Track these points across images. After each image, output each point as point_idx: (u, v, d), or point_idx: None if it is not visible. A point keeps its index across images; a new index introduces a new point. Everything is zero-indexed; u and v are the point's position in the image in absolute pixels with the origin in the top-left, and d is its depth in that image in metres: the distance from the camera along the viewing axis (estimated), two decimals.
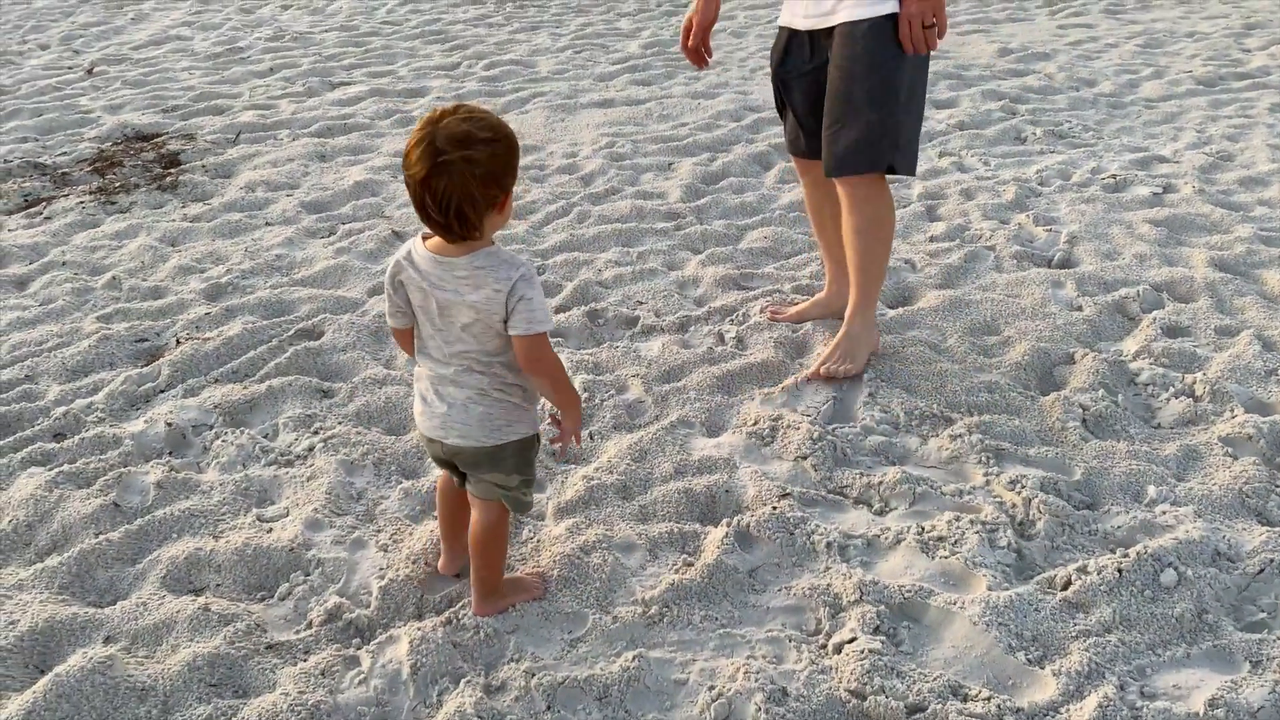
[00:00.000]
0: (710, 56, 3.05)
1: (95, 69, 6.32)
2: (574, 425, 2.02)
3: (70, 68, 6.38)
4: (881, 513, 2.45)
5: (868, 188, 2.80)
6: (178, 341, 3.23)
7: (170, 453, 2.74)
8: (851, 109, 2.71)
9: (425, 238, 1.92)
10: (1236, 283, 3.41)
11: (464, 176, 1.74)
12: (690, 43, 2.99)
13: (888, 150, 2.74)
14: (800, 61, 2.88)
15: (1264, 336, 3.10)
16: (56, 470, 2.61)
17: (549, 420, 2.08)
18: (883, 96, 2.68)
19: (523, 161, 4.72)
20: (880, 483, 2.51)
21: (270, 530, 2.42)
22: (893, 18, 2.64)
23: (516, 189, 4.35)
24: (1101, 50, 6.29)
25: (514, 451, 1.99)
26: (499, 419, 1.95)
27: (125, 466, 2.64)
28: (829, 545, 2.30)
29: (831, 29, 2.73)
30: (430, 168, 1.74)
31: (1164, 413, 2.80)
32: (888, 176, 2.87)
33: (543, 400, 2.07)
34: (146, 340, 3.28)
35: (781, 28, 2.94)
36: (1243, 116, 5.08)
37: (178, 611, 2.15)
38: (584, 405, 2.84)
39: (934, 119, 5.12)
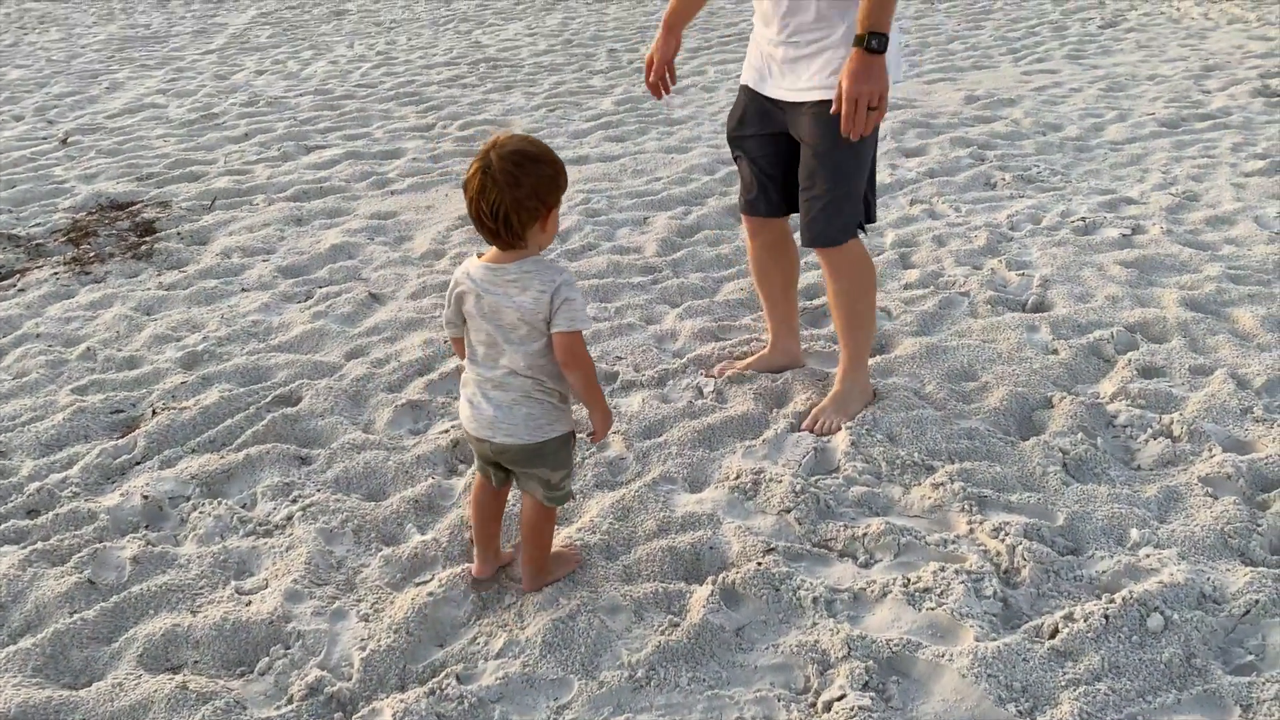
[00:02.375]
0: (672, 87, 3.12)
1: (70, 139, 6.34)
2: (602, 420, 2.24)
3: (45, 138, 6.39)
4: (867, 565, 2.44)
5: (846, 252, 2.89)
6: (154, 412, 3.20)
7: (146, 526, 2.70)
8: (825, 183, 2.78)
9: (479, 255, 2.18)
10: (1208, 321, 3.45)
11: (512, 189, 2.02)
12: (651, 78, 3.09)
13: (858, 214, 2.87)
14: (760, 125, 2.93)
15: (1238, 375, 3.12)
16: (30, 548, 2.57)
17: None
18: (854, 169, 2.78)
19: None
20: (864, 534, 2.50)
21: (249, 603, 2.38)
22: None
23: None
24: (1066, 95, 6.41)
25: (555, 448, 2.21)
26: (541, 418, 2.18)
27: (100, 542, 2.60)
28: (815, 600, 2.28)
29: (799, 104, 2.77)
30: (484, 181, 2.03)
31: (1143, 454, 2.81)
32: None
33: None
34: (122, 411, 3.25)
35: (743, 87, 2.98)
36: (1206, 157, 5.17)
37: (155, 691, 2.10)
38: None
39: (904, 167, 5.19)
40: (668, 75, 3.07)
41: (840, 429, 2.92)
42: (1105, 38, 7.98)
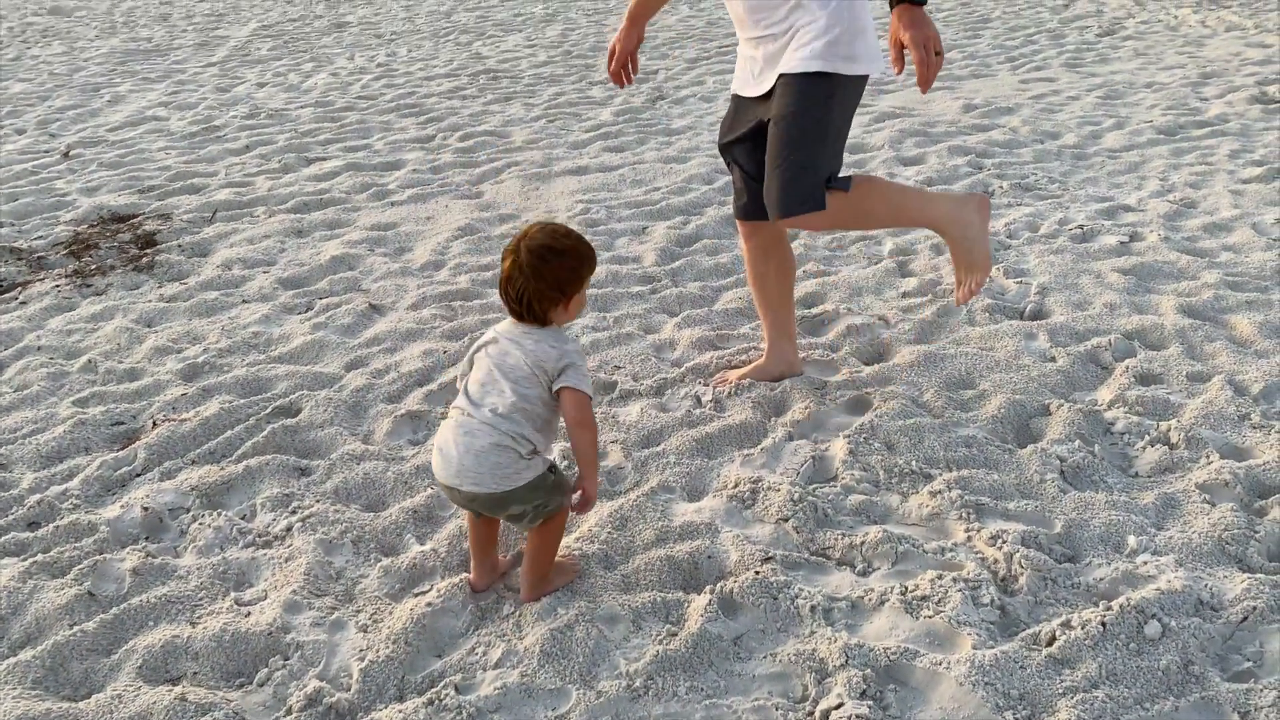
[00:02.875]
0: (633, 77, 3.22)
1: (71, 152, 6.37)
2: (594, 488, 2.29)
3: (46, 151, 6.42)
4: (865, 573, 2.45)
5: (811, 221, 2.84)
6: (154, 424, 3.21)
7: (146, 538, 2.71)
8: (783, 149, 2.74)
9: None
10: (1206, 328, 3.45)
11: (535, 280, 2.21)
12: (613, 66, 3.17)
13: (819, 187, 2.76)
14: (746, 125, 2.95)
15: (1235, 381, 3.13)
16: (30, 560, 2.58)
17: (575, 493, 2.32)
18: (814, 136, 2.73)
19: (497, 231, 4.77)
20: (862, 543, 2.50)
21: (248, 614, 2.39)
22: (824, 74, 2.70)
23: (495, 255, 4.37)
24: (1064, 103, 6.42)
25: (523, 493, 2.24)
26: (508, 468, 2.21)
27: (101, 554, 2.61)
28: (813, 609, 2.28)
29: (773, 87, 2.80)
30: (512, 270, 2.23)
31: (1141, 461, 2.82)
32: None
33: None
34: (123, 423, 3.26)
35: (734, 96, 3.03)
36: (1203, 164, 5.18)
37: (154, 703, 2.11)
38: (564, 473, 2.83)
39: (902, 176, 5.21)
40: (630, 65, 3.17)
41: (981, 285, 2.96)
42: (1103, 46, 8.01)
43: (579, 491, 2.30)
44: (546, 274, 2.21)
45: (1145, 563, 2.38)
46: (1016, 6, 9.78)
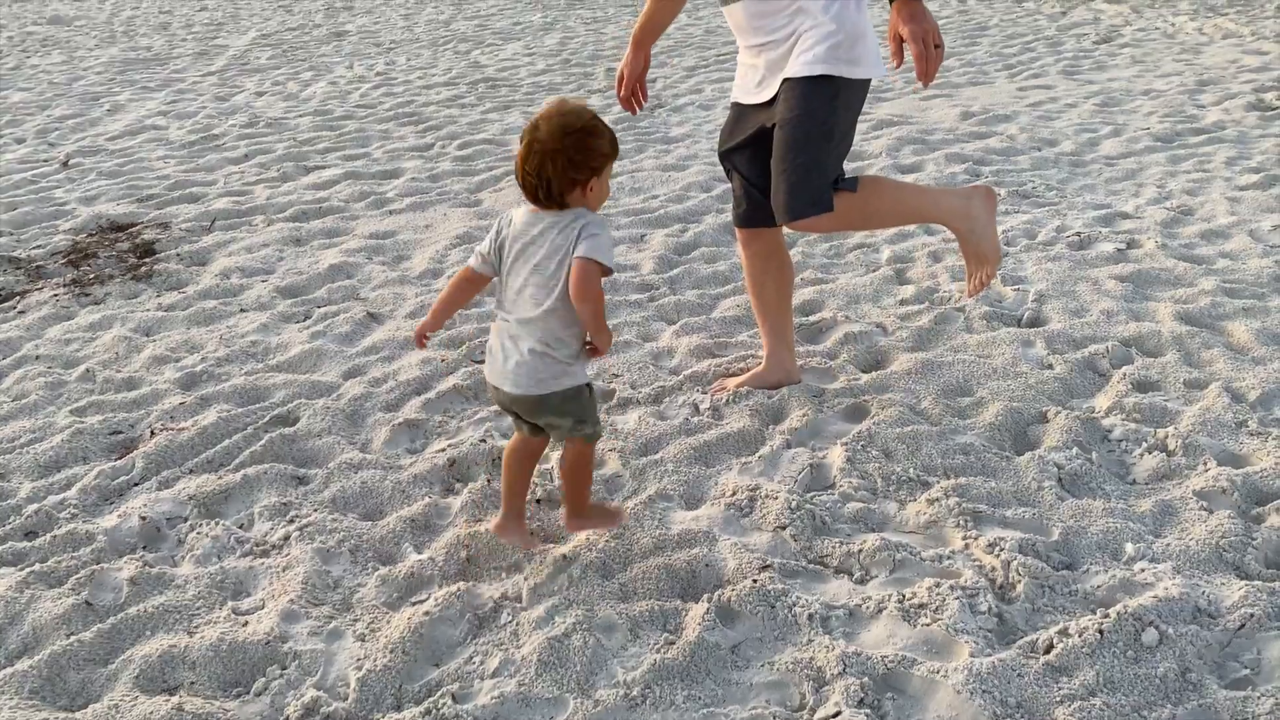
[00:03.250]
0: (644, 103, 3.21)
1: (70, 161, 6.37)
2: (605, 342, 2.33)
3: (45, 160, 6.43)
4: (862, 581, 2.45)
5: (822, 223, 2.80)
6: (152, 433, 3.21)
7: (144, 547, 2.71)
8: (789, 151, 2.72)
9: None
10: (1203, 335, 3.46)
11: (552, 157, 2.18)
12: (623, 92, 3.17)
13: (826, 188, 2.74)
14: (746, 131, 2.96)
15: (1232, 388, 3.13)
16: (27, 570, 2.58)
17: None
18: (819, 137, 2.72)
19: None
20: (860, 550, 2.50)
21: (246, 623, 2.38)
22: (828, 78, 2.71)
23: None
24: (1061, 110, 6.44)
25: (558, 400, 2.31)
26: (544, 373, 2.28)
27: (98, 563, 2.61)
28: (811, 617, 2.28)
29: (774, 98, 2.81)
30: (529, 147, 2.19)
31: (1138, 468, 2.82)
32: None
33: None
34: (120, 432, 3.26)
35: (734, 104, 3.03)
36: (1200, 171, 5.19)
37: (151, 713, 2.10)
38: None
39: None
40: (639, 90, 3.16)
41: (991, 277, 3.03)
42: (1100, 53, 8.03)
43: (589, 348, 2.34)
44: (566, 149, 2.17)
45: (1143, 570, 2.38)
46: (1014, 14, 9.81)
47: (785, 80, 2.76)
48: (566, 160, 2.18)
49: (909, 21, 2.66)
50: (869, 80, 2.80)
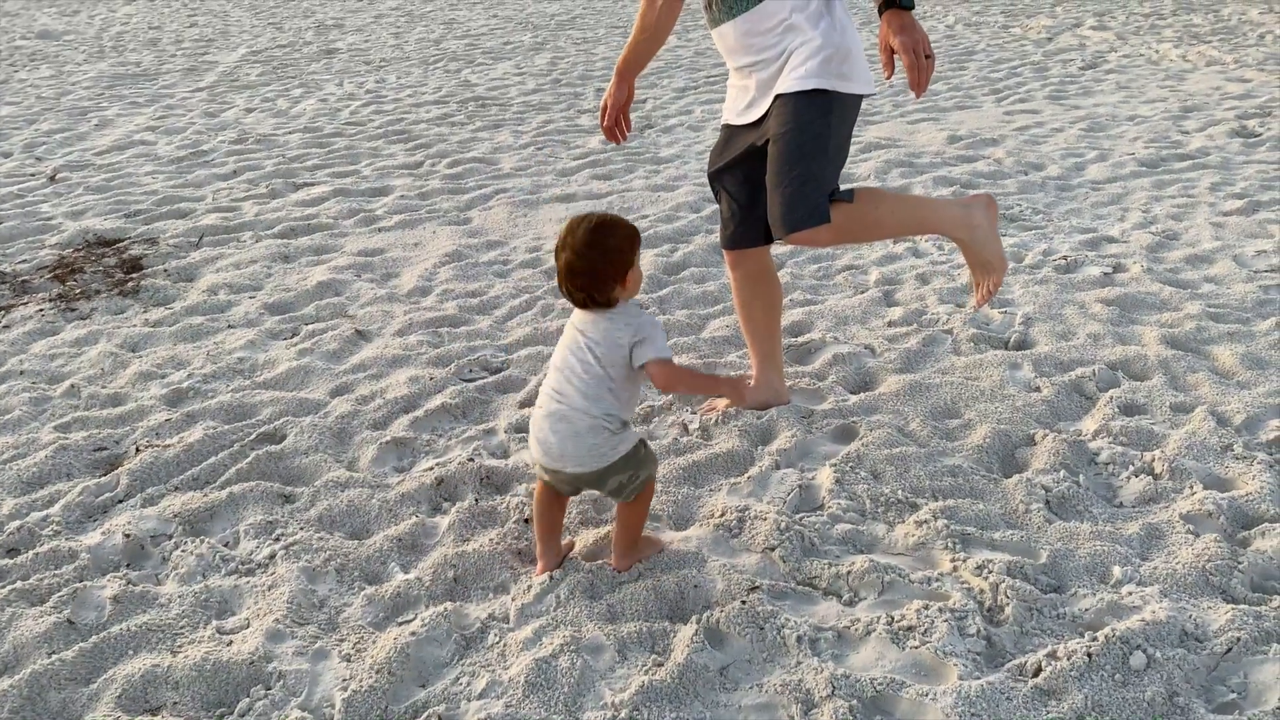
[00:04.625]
0: (627, 134, 3.19)
1: (58, 175, 6.35)
2: (732, 391, 2.62)
3: (32, 175, 6.40)
4: (851, 603, 2.44)
5: (820, 235, 2.76)
6: (137, 449, 3.19)
7: (128, 565, 2.68)
8: (784, 165, 2.71)
9: None
10: (1188, 359, 3.48)
11: (590, 267, 2.35)
12: (606, 122, 3.14)
13: (823, 201, 2.73)
14: (736, 151, 2.97)
15: (1217, 412, 3.15)
16: (9, 588, 2.55)
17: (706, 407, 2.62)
18: (813, 150, 2.71)
19: (485, 257, 4.78)
20: (849, 572, 2.50)
21: (230, 643, 2.36)
22: (822, 91, 2.72)
23: (483, 282, 4.37)
24: (1047, 135, 6.49)
25: (620, 465, 2.41)
26: (603, 446, 2.38)
27: (81, 581, 2.58)
28: (799, 639, 2.28)
29: (765, 116, 2.82)
30: (568, 263, 2.35)
31: (1125, 491, 2.83)
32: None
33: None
34: (105, 449, 3.23)
35: (725, 125, 3.04)
36: (1185, 196, 5.24)
37: None
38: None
39: None
40: (623, 120, 3.15)
41: (998, 286, 3.06)
42: (1086, 79, 8.11)
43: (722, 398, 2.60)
44: (601, 255, 2.34)
45: (1130, 593, 2.39)
46: (1001, 39, 9.91)
47: (778, 96, 2.77)
48: (599, 272, 2.35)
49: (899, 33, 2.67)
50: (861, 97, 2.82)
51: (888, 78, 2.80)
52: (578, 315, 2.45)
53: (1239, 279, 4.16)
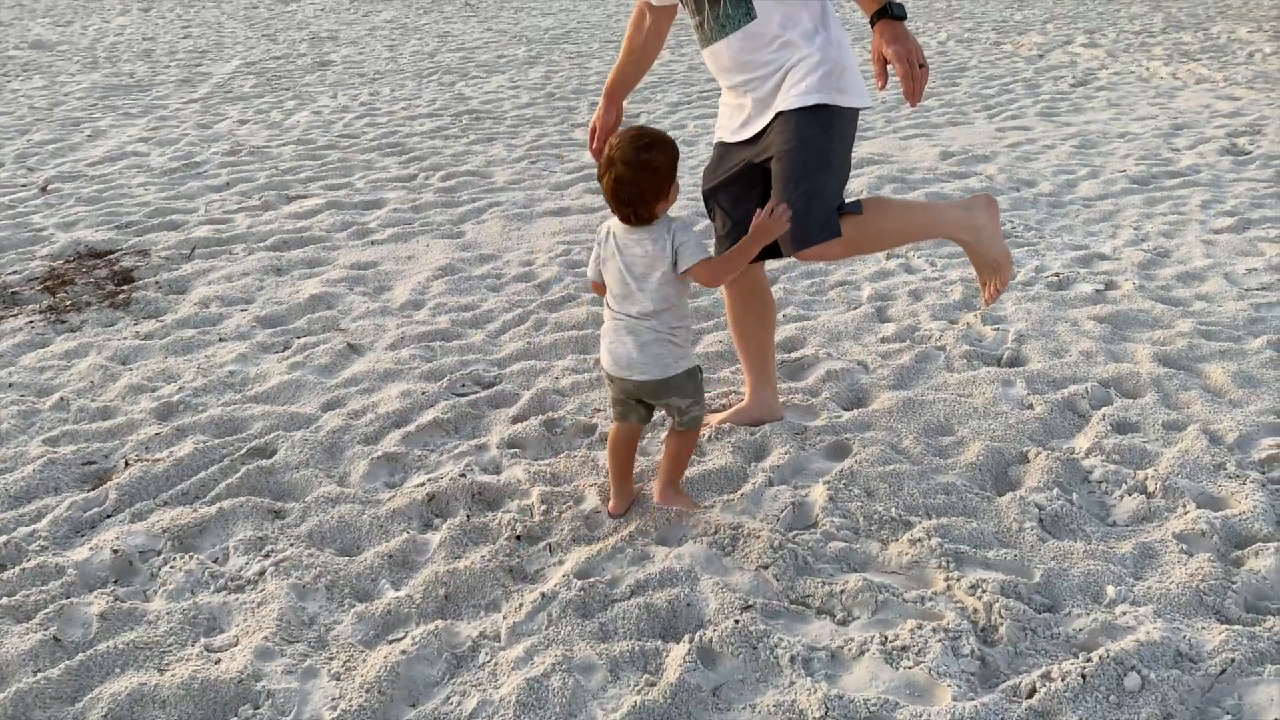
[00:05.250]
0: None
1: (49, 186, 6.33)
2: (766, 237, 2.64)
3: (24, 185, 6.38)
4: (844, 622, 2.43)
5: (832, 249, 2.75)
6: (126, 464, 3.17)
7: (115, 581, 2.66)
8: (791, 181, 2.71)
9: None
10: (1181, 377, 3.49)
11: (638, 181, 2.51)
12: (595, 145, 3.13)
13: (833, 213, 2.73)
14: (730, 168, 2.97)
15: (1210, 430, 3.15)
16: None
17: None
18: (818, 164, 2.72)
19: (478, 271, 4.77)
20: (842, 591, 2.49)
21: (219, 661, 2.34)
22: (822, 106, 2.72)
23: (476, 296, 4.36)
24: (1039, 152, 6.52)
25: (681, 380, 2.65)
26: (667, 358, 2.61)
27: (68, 598, 2.56)
28: (793, 659, 2.26)
29: (761, 133, 2.82)
30: (616, 179, 2.51)
31: (1118, 510, 2.82)
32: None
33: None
34: (94, 463, 3.21)
35: (718, 143, 3.04)
36: (1176, 214, 5.26)
37: None
38: (543, 519, 2.81)
39: None
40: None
41: (1005, 285, 3.07)
42: (1077, 96, 8.15)
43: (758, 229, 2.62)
44: (648, 174, 2.50)
45: (1124, 613, 2.38)
46: (993, 56, 9.96)
47: (779, 114, 2.77)
48: (645, 187, 2.51)
49: (893, 42, 2.67)
50: (859, 110, 2.83)
51: (881, 88, 2.80)
52: (619, 234, 2.61)
53: (1230, 297, 4.17)
